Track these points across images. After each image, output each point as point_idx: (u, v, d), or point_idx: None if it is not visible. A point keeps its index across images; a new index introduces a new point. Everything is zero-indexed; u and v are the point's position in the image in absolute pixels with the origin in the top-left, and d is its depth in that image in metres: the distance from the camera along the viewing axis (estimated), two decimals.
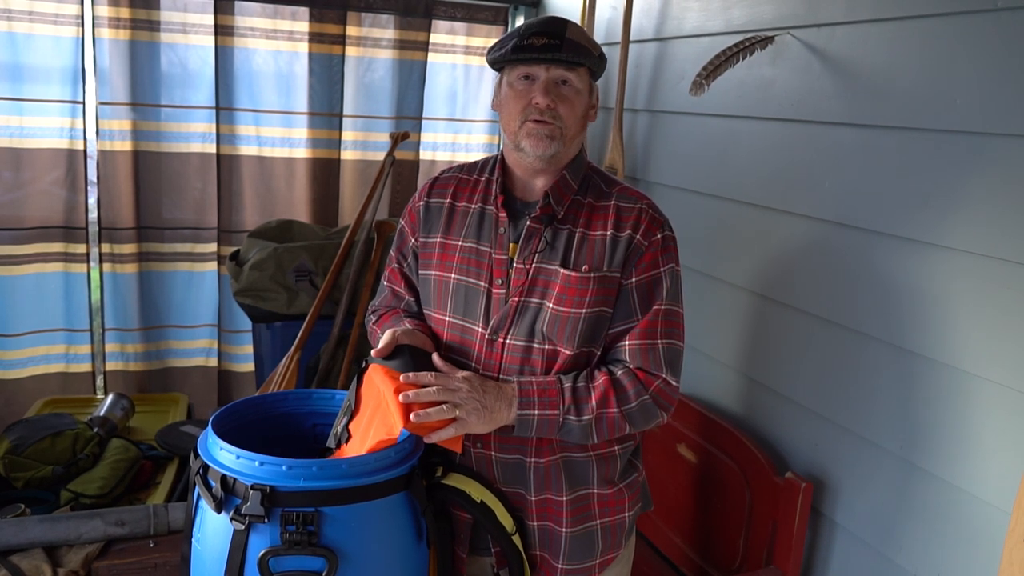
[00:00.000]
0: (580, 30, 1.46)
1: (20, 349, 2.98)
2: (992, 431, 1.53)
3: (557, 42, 1.40)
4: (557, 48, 1.40)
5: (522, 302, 1.46)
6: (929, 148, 1.64)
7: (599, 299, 1.45)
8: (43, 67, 2.80)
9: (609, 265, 1.45)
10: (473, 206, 1.54)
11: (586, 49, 1.43)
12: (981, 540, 1.55)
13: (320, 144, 3.17)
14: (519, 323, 1.46)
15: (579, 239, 1.47)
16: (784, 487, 1.88)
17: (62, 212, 2.93)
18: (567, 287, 1.44)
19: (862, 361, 1.80)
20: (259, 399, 1.58)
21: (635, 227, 1.46)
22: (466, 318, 1.50)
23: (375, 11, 3.13)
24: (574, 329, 1.44)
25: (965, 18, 1.57)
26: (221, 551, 1.28)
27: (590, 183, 1.52)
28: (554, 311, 1.44)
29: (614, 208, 1.48)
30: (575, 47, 1.41)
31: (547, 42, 1.40)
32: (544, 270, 1.46)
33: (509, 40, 1.45)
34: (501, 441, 1.48)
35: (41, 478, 2.29)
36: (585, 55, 1.42)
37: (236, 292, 2.78)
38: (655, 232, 1.47)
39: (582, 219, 1.48)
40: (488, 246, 1.50)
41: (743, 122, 2.15)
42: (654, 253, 1.47)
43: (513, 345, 1.47)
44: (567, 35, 1.41)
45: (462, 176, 1.59)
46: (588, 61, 1.44)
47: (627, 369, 1.47)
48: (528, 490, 1.50)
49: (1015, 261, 1.47)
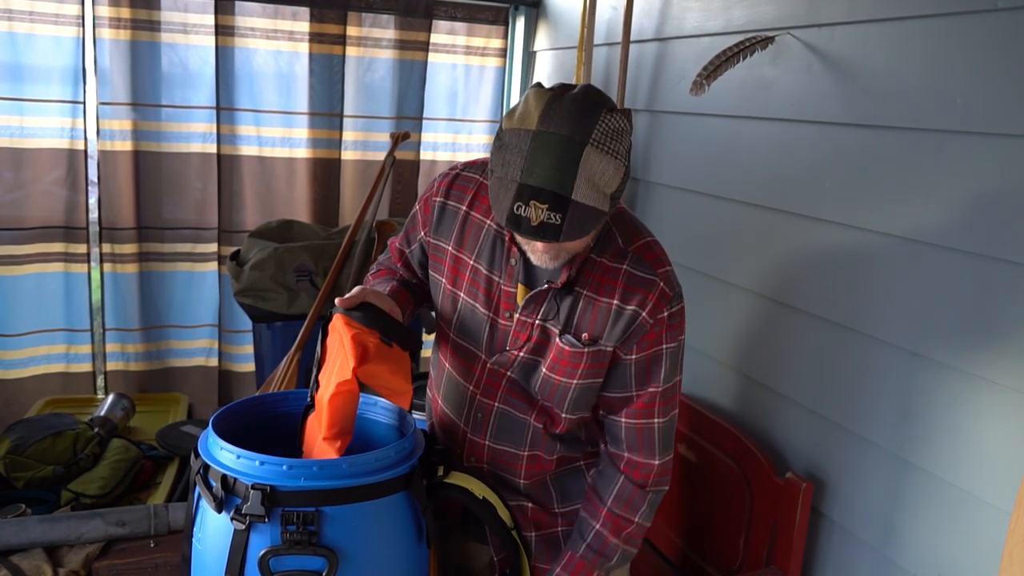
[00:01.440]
0: (598, 167, 1.16)
1: (21, 349, 2.98)
2: (992, 431, 1.53)
3: (557, 220, 1.16)
4: (556, 231, 1.17)
5: (522, 358, 1.45)
6: (929, 148, 1.64)
7: (591, 372, 1.42)
8: (44, 67, 2.80)
9: (607, 337, 1.39)
10: (488, 223, 1.44)
11: (594, 212, 1.18)
12: (981, 540, 1.55)
13: (320, 144, 3.18)
14: (519, 371, 1.47)
15: (584, 304, 1.39)
16: (784, 487, 1.88)
17: (63, 212, 2.93)
18: (560, 358, 1.42)
19: (862, 361, 1.80)
20: (259, 399, 1.57)
21: (642, 303, 1.37)
22: (470, 340, 1.50)
23: (375, 11, 3.13)
24: (564, 396, 1.45)
25: (965, 18, 1.57)
26: (221, 551, 1.28)
27: (608, 238, 1.39)
28: (547, 376, 1.44)
29: (624, 276, 1.37)
30: (580, 221, 1.17)
31: (545, 219, 1.16)
32: (547, 331, 1.42)
33: (504, 189, 1.19)
34: (493, 459, 1.53)
35: (42, 478, 2.29)
36: (594, 220, 1.19)
37: (236, 292, 2.78)
38: (662, 309, 1.38)
39: (592, 282, 1.38)
40: (498, 275, 1.43)
41: (743, 122, 2.15)
42: (658, 332, 1.39)
43: (514, 380, 1.49)
44: (574, 196, 1.15)
45: (483, 180, 1.47)
46: (598, 222, 1.20)
47: (618, 474, 1.47)
48: (519, 500, 1.55)
49: (1015, 261, 1.47)
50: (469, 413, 1.53)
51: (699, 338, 2.28)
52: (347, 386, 1.32)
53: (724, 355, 2.24)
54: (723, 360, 2.24)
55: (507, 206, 1.18)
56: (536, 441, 1.51)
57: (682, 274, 1.52)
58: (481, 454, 1.53)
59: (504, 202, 1.18)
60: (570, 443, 1.54)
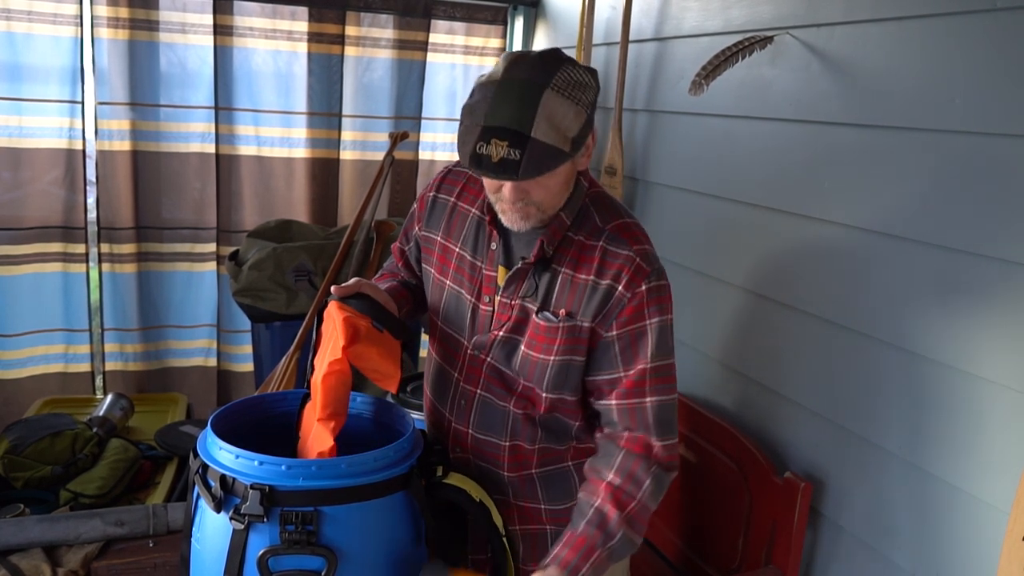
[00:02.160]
0: (558, 109, 1.23)
1: (19, 349, 2.98)
2: (992, 431, 1.53)
3: (517, 154, 1.21)
4: (515, 166, 1.21)
5: (502, 338, 1.46)
6: (929, 148, 1.64)
7: (567, 348, 1.42)
8: (42, 67, 2.80)
9: (583, 313, 1.40)
10: (473, 210, 1.50)
11: (554, 151, 1.23)
12: (981, 540, 1.55)
13: (319, 144, 3.18)
14: (499, 351, 1.48)
15: (562, 281, 1.41)
16: (784, 487, 1.88)
17: (61, 212, 2.93)
18: (537, 334, 1.43)
19: (862, 361, 1.80)
20: (258, 399, 1.58)
21: (616, 277, 1.37)
22: (453, 327, 1.53)
23: (374, 11, 3.13)
24: (543, 373, 1.44)
25: (965, 18, 1.57)
26: (220, 551, 1.28)
27: (586, 217, 1.42)
28: (525, 353, 1.45)
29: (600, 251, 1.39)
30: (540, 155, 1.22)
31: (505, 156, 1.21)
32: (525, 309, 1.44)
33: (469, 133, 1.25)
34: (476, 449, 1.54)
35: (40, 478, 2.29)
36: (553, 157, 1.23)
37: (235, 292, 2.78)
38: (639, 284, 1.37)
39: (568, 259, 1.41)
40: (480, 260, 1.48)
41: (742, 122, 2.15)
42: (638, 307, 1.38)
43: (494, 366, 1.49)
44: (533, 134, 1.21)
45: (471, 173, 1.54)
46: (558, 162, 1.25)
47: (618, 450, 1.41)
48: (507, 496, 1.55)
49: (1015, 261, 1.47)
50: (453, 400, 1.55)
51: (698, 337, 2.28)
52: (338, 365, 1.35)
53: (723, 355, 2.24)
54: (722, 360, 2.24)
55: (470, 147, 1.24)
56: (516, 430, 1.51)
57: (681, 273, 1.53)
58: (465, 444, 1.55)
59: (468, 145, 1.25)
60: (552, 432, 1.53)
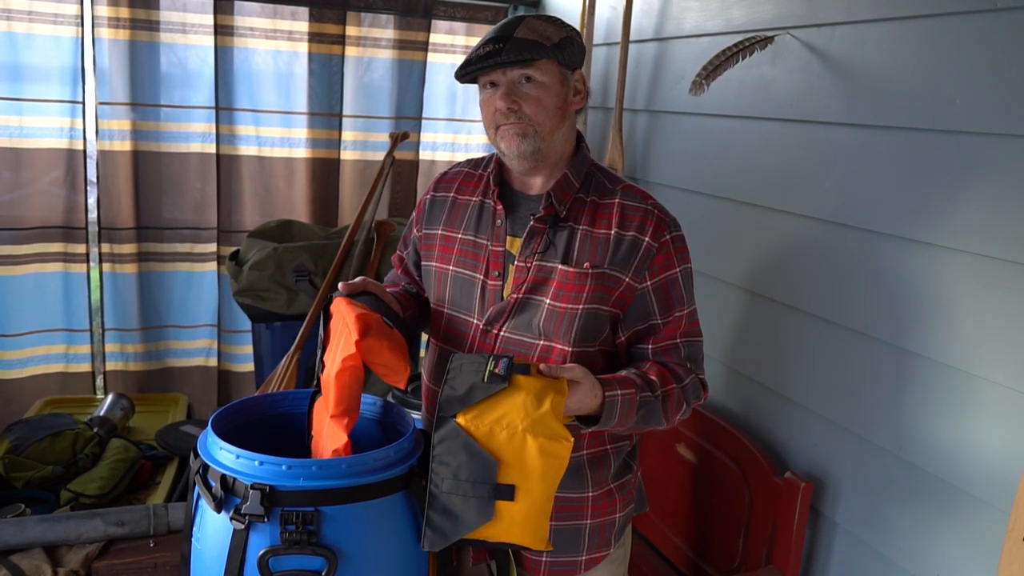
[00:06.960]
0: (537, 23, 1.42)
1: (20, 349, 2.98)
2: (992, 431, 1.53)
3: (500, 46, 1.38)
4: (498, 52, 1.37)
5: (521, 299, 1.47)
6: (929, 148, 1.64)
7: (596, 296, 1.44)
8: (42, 67, 2.80)
9: (611, 262, 1.44)
10: (474, 199, 1.56)
11: (534, 43, 1.38)
12: (981, 540, 1.55)
13: (320, 144, 3.18)
14: (515, 317, 1.47)
15: (582, 237, 1.46)
16: (784, 487, 1.88)
17: (62, 212, 2.93)
18: (564, 283, 1.44)
19: (862, 361, 1.80)
20: (259, 399, 1.58)
21: (641, 228, 1.44)
22: (462, 309, 1.53)
23: (375, 11, 3.13)
24: (570, 325, 1.44)
25: (964, 18, 1.57)
26: (221, 551, 1.28)
27: (593, 180, 1.50)
28: (551, 307, 1.45)
29: (619, 207, 1.46)
30: (520, 44, 1.38)
31: (492, 48, 1.38)
32: (544, 268, 1.46)
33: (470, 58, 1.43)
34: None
35: (41, 478, 2.29)
36: (533, 48, 1.38)
37: (236, 292, 2.78)
38: (663, 233, 1.45)
39: (585, 217, 1.47)
40: (485, 238, 1.51)
41: (742, 122, 2.15)
42: (667, 255, 1.45)
43: (508, 338, 1.48)
44: (515, 34, 1.38)
45: (468, 170, 1.62)
46: (539, 54, 1.39)
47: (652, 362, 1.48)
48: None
49: (1015, 261, 1.47)
50: None
51: None
52: (352, 361, 1.35)
53: (723, 355, 2.24)
54: (723, 360, 2.24)
55: (467, 60, 1.41)
56: None
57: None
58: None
59: (462, 67, 1.42)
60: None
